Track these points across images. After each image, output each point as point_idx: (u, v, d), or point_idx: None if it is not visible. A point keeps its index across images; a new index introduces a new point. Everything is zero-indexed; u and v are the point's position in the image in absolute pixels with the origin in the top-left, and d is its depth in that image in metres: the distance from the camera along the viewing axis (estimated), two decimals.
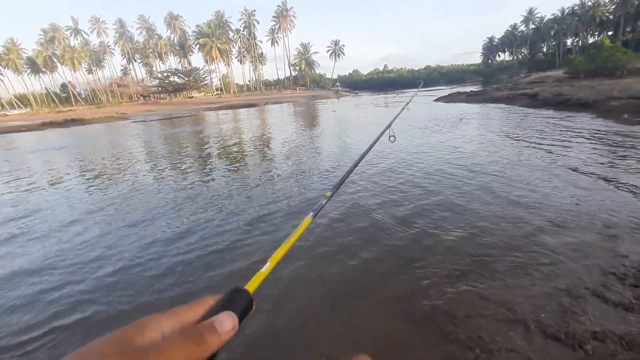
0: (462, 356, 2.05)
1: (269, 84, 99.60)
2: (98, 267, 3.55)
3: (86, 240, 4.29)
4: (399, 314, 2.48)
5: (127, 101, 71.53)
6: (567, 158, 6.46)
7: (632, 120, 10.08)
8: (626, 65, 30.17)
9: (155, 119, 35.10)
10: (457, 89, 35.78)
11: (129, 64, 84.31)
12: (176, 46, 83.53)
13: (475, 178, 5.61)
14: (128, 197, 6.13)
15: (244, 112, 36.69)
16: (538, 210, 4.10)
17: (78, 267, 3.60)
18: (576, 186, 4.86)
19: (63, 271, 3.54)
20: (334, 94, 71.84)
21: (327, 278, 3.02)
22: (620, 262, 2.87)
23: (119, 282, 3.23)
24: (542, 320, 2.23)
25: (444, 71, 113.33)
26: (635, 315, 2.23)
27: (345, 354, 0.36)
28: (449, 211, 4.29)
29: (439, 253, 3.27)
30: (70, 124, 35.45)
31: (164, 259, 3.60)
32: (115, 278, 3.31)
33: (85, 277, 3.37)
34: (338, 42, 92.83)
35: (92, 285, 3.22)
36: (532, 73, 61.04)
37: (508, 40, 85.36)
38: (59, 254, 3.94)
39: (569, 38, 71.80)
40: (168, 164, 9.33)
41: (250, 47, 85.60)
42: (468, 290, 2.67)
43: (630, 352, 1.94)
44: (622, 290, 2.49)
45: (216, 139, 14.47)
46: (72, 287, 3.22)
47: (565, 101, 14.61)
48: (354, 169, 0.92)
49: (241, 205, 5.20)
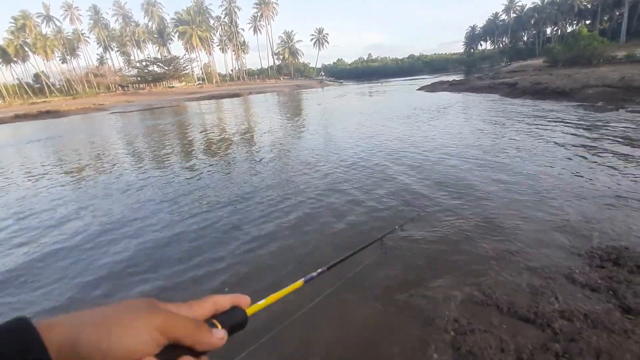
0: (438, 338, 2.12)
1: (252, 74, 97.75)
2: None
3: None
4: (378, 298, 2.54)
5: (104, 92, 68.82)
6: (541, 144, 6.66)
7: (605, 107, 10.42)
8: (602, 54, 30.99)
9: (135, 109, 34.05)
10: (440, 78, 36.06)
11: (105, 52, 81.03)
12: (154, 34, 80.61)
13: (458, 165, 5.72)
14: (106, 196, 5.98)
15: (228, 102, 36.01)
16: (512, 194, 4.22)
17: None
18: (546, 173, 5.03)
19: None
20: (318, 83, 71.22)
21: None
22: (587, 244, 3.01)
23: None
24: (514, 302, 2.33)
25: (428, 60, 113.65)
26: (600, 295, 2.35)
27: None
28: (426, 198, 4.37)
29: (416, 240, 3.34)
30: (45, 116, 34.00)
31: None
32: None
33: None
34: (322, 31, 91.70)
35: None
36: (513, 62, 62.06)
37: (490, 29, 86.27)
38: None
39: (549, 27, 73.08)
40: (149, 159, 9.11)
41: (232, 35, 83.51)
42: (445, 274, 2.74)
43: (594, 329, 2.05)
44: (589, 271, 2.61)
45: (201, 132, 14.19)
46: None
47: (543, 90, 14.96)
48: (354, 255, 0.97)
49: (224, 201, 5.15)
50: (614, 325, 2.03)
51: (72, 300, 2.90)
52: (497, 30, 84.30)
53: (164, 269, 3.25)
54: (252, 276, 3.03)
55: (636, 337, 1.94)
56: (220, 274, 3.08)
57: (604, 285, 2.43)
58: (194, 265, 3.26)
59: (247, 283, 2.93)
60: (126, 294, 2.92)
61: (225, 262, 3.28)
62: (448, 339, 2.09)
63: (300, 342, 2.22)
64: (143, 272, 3.24)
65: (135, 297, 0.33)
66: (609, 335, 1.96)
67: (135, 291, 2.96)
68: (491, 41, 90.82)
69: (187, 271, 3.18)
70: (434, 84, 27.34)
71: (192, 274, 3.13)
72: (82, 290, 3.05)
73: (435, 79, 37.45)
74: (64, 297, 2.97)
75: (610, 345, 1.90)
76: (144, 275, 3.19)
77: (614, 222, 3.38)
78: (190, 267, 3.24)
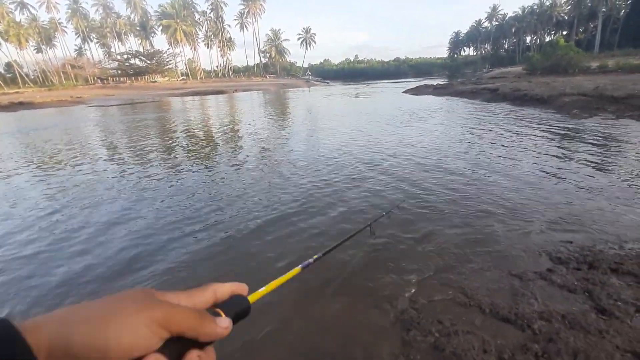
0: (422, 340, 2.13)
1: (238, 71, 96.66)
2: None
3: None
4: (362, 299, 2.54)
5: (82, 84, 66.26)
6: (519, 149, 6.87)
7: (580, 115, 10.87)
8: (578, 64, 32.37)
9: (115, 104, 33.01)
10: (424, 82, 36.70)
11: (84, 43, 78.25)
12: (137, 26, 78.44)
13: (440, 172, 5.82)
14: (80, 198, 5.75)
15: (212, 99, 35.42)
16: (493, 198, 4.33)
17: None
18: (521, 178, 5.18)
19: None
20: (304, 82, 71.15)
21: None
22: (565, 247, 3.11)
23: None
24: (495, 303, 2.37)
25: (413, 64, 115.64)
26: (577, 296, 2.43)
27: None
28: (414, 199, 4.42)
29: (400, 243, 3.37)
30: (18, 107, 32.42)
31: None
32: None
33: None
34: (309, 30, 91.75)
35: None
36: (494, 68, 63.95)
37: (473, 35, 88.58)
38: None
39: (529, 36, 75.72)
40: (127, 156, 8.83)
41: (218, 31, 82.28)
42: (429, 277, 2.78)
43: (572, 330, 2.11)
44: (566, 273, 2.70)
45: (184, 131, 13.89)
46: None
47: (523, 96, 15.46)
48: (344, 242, 0.99)
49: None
50: (590, 326, 2.10)
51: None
52: (479, 36, 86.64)
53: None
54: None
55: (610, 337, 2.01)
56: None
57: (580, 287, 2.52)
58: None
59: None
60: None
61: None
62: (431, 341, 2.11)
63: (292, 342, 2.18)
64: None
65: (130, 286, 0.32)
66: (586, 336, 2.03)
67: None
68: (474, 47, 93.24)
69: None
70: (418, 87, 27.83)
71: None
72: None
73: (419, 82, 38.07)
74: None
75: (587, 345, 1.96)
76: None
77: (589, 224, 3.51)
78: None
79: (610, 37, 52.33)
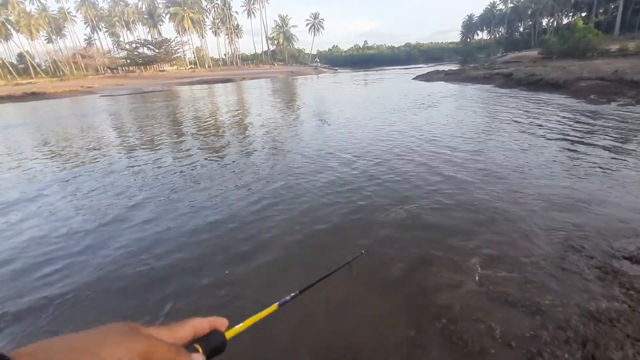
0: (429, 326, 2.16)
1: (246, 59, 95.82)
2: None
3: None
4: (373, 288, 2.57)
5: (92, 74, 66.84)
6: (535, 135, 6.71)
7: (598, 100, 10.52)
8: (596, 47, 31.07)
9: (125, 93, 33.30)
10: (435, 68, 35.89)
11: (93, 33, 78.37)
12: (145, 15, 78.10)
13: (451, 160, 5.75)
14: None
15: (221, 87, 35.41)
16: (509, 183, 4.27)
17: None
18: (539, 163, 5.08)
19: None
20: (313, 70, 70.36)
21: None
22: (578, 234, 3.06)
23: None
24: (505, 291, 2.37)
25: (424, 49, 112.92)
26: (593, 284, 2.40)
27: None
28: (418, 189, 4.40)
29: (418, 228, 3.37)
30: (31, 98, 33.04)
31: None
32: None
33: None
34: (317, 16, 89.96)
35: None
36: (508, 52, 61.94)
37: (487, 18, 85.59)
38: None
39: (545, 18, 72.71)
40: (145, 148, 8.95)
41: (225, 18, 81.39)
42: (438, 263, 2.78)
43: (582, 317, 2.10)
44: (578, 261, 2.67)
45: (200, 123, 13.95)
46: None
47: (538, 81, 15.00)
48: (325, 278, 0.92)
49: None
50: (601, 315, 2.09)
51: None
52: (493, 20, 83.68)
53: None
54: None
55: (621, 326, 2.00)
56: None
57: (594, 275, 2.49)
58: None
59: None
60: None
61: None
62: (439, 327, 2.13)
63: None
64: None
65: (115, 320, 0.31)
66: (596, 324, 2.02)
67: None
68: (487, 31, 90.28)
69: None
70: (429, 74, 27.24)
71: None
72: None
73: (430, 68, 37.25)
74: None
75: (597, 333, 1.95)
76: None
77: (603, 212, 3.44)
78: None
79: (631, 19, 49.88)
